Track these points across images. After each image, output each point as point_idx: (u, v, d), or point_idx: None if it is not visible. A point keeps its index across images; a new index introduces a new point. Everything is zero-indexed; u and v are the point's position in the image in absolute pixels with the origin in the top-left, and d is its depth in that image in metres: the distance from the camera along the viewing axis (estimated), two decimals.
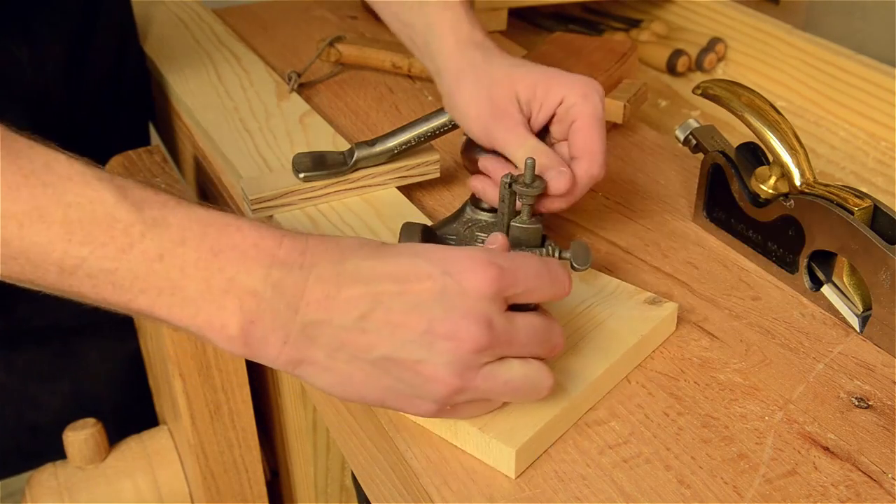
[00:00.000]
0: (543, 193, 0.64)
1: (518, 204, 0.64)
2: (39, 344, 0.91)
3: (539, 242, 0.64)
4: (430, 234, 0.67)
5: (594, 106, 0.65)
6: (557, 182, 0.63)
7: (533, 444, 0.53)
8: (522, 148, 0.65)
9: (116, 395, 0.96)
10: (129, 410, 0.98)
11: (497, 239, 0.55)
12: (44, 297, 0.52)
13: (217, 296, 0.47)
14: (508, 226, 0.64)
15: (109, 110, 0.98)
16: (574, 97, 0.65)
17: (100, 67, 0.93)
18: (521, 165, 0.64)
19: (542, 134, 0.69)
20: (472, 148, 0.71)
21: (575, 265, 0.62)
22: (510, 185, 0.62)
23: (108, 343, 0.94)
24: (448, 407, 0.51)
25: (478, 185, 0.69)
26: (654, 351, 0.62)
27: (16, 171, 0.46)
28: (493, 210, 0.69)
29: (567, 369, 0.57)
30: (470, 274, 0.48)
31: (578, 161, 0.65)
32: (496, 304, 0.49)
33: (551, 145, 0.69)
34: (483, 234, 0.69)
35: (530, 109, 0.68)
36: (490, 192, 0.68)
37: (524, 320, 0.50)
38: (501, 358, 0.50)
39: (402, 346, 0.48)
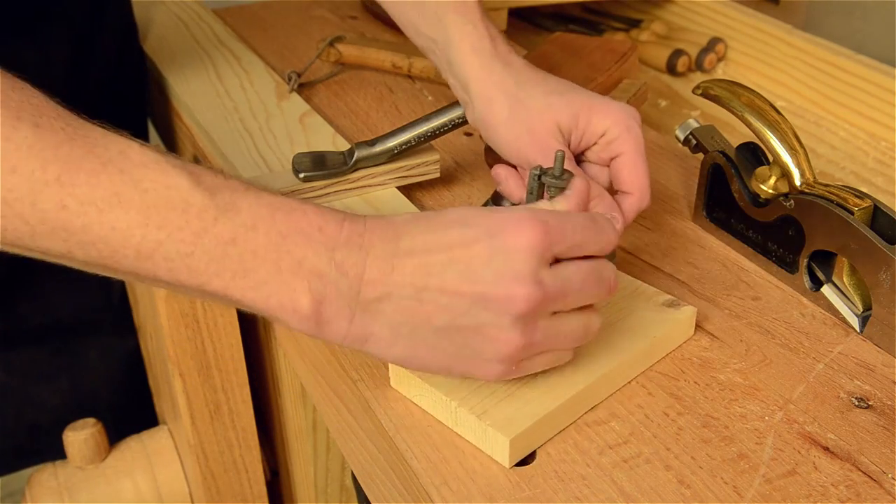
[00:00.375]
0: None
1: (546, 196, 0.63)
2: (38, 343, 0.91)
3: None
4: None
5: (637, 138, 0.65)
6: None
7: (529, 435, 0.53)
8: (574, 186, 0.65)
9: (116, 393, 0.96)
10: (129, 409, 0.98)
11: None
12: (44, 295, 0.52)
13: (287, 278, 0.49)
14: None
15: (110, 109, 0.98)
16: (617, 129, 0.65)
17: (102, 68, 0.93)
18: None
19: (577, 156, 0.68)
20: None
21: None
22: (539, 177, 0.61)
23: (107, 341, 0.94)
24: (514, 367, 0.52)
25: (501, 172, 0.68)
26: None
27: (93, 159, 0.47)
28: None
29: (574, 363, 0.57)
30: (515, 233, 0.49)
31: (627, 196, 0.65)
32: (545, 261, 0.50)
33: (581, 163, 0.68)
34: None
35: (570, 139, 0.67)
36: (513, 182, 0.67)
37: (574, 270, 0.51)
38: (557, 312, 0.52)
39: (460, 314, 0.50)
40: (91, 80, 0.92)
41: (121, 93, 1.00)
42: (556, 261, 0.51)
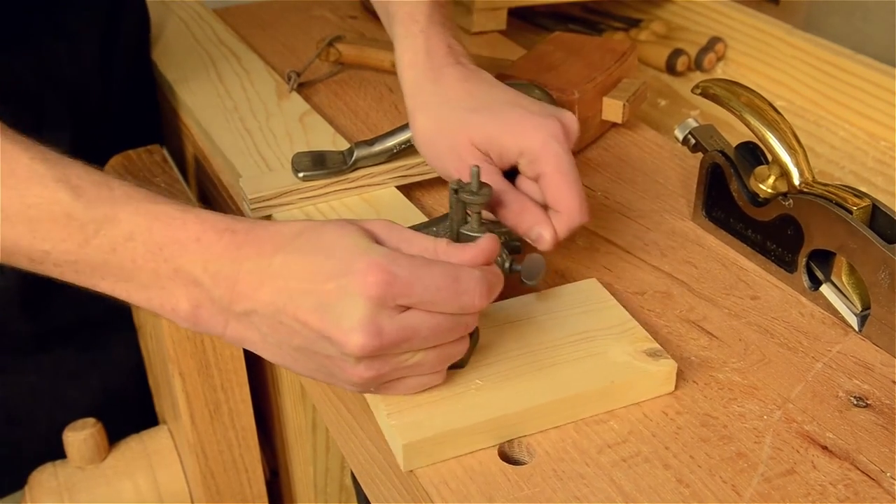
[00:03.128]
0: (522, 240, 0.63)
1: (466, 212, 0.61)
2: (66, 341, 0.91)
3: None
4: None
5: (557, 157, 0.62)
6: (542, 244, 0.62)
7: (431, 446, 0.53)
8: (501, 207, 0.63)
9: (142, 387, 0.96)
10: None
11: (481, 243, 0.54)
12: (71, 293, 0.56)
13: (165, 283, 0.53)
14: (458, 233, 0.61)
15: (138, 102, 0.99)
16: (535, 150, 0.62)
17: (127, 59, 0.94)
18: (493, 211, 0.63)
19: (513, 172, 0.66)
20: None
21: (524, 279, 0.61)
22: (457, 192, 0.60)
23: (134, 336, 0.94)
24: (373, 388, 0.54)
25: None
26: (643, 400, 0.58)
27: None
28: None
29: (514, 387, 0.56)
30: (361, 279, 0.49)
31: (556, 214, 0.62)
32: (384, 310, 0.50)
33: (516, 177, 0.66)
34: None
35: (490, 157, 0.65)
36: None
37: (420, 321, 0.51)
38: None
39: (311, 342, 0.51)
40: (120, 71, 0.93)
41: (147, 83, 1.00)
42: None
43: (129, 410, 0.95)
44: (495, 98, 0.67)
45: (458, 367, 0.57)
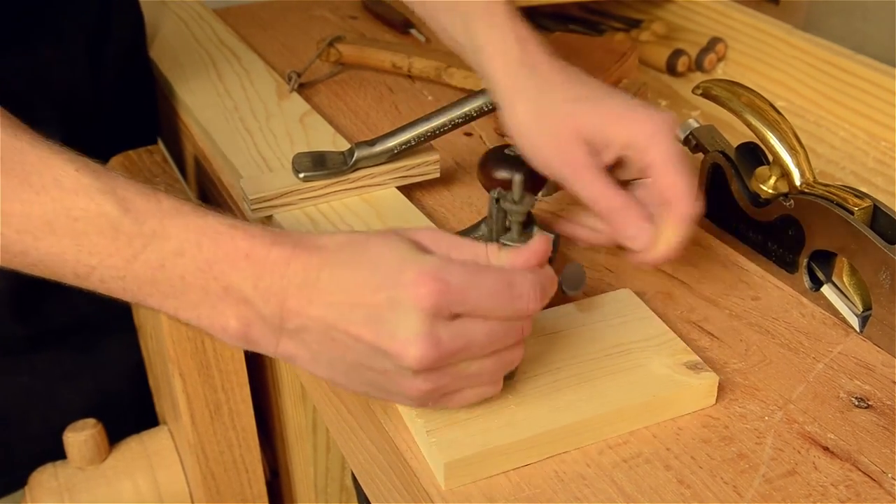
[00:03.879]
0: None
1: (507, 221, 0.61)
2: (61, 343, 0.91)
3: None
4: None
5: (665, 146, 0.61)
6: (634, 243, 0.61)
7: (472, 464, 0.52)
8: (597, 200, 0.62)
9: (140, 390, 0.96)
10: (151, 405, 0.98)
11: (534, 244, 0.53)
12: (66, 295, 0.55)
13: (215, 301, 0.51)
14: (496, 241, 0.61)
15: (131, 103, 0.99)
16: (642, 139, 0.62)
17: (119, 60, 0.94)
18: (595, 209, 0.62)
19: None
20: (490, 164, 0.71)
21: (564, 289, 0.60)
22: (498, 201, 0.59)
23: (129, 338, 0.94)
24: (429, 403, 0.52)
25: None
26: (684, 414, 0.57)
27: (27, 188, 0.51)
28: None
29: (554, 402, 0.55)
30: (413, 289, 0.48)
31: (669, 207, 0.62)
32: (440, 319, 0.49)
33: (632, 184, 0.65)
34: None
35: (596, 149, 0.64)
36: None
37: (477, 328, 0.50)
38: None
39: (365, 357, 0.50)
40: (110, 74, 0.92)
41: (138, 85, 1.00)
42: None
43: (125, 412, 0.94)
44: (596, 89, 0.65)
45: (508, 378, 0.55)
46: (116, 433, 0.89)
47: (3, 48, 0.80)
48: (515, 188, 0.58)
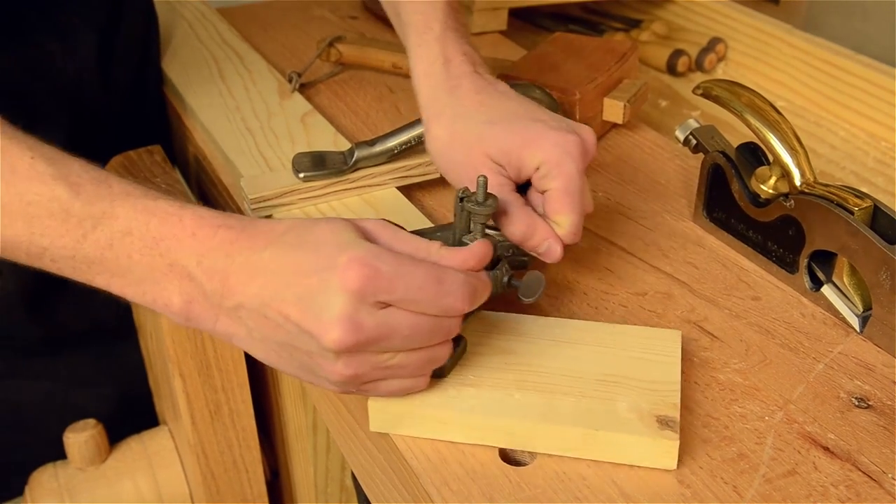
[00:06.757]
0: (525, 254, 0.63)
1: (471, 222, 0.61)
2: (81, 348, 0.91)
3: (491, 264, 0.59)
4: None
5: (567, 175, 0.62)
6: (551, 257, 0.63)
7: (398, 416, 0.55)
8: (508, 222, 0.63)
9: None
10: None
11: (474, 247, 0.54)
12: (83, 299, 0.56)
13: (159, 277, 0.53)
14: (460, 242, 0.61)
15: (139, 98, 0.99)
16: (548, 165, 0.62)
17: (128, 57, 0.94)
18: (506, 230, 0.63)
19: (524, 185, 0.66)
20: None
21: (521, 296, 0.60)
22: (462, 201, 0.60)
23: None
24: (353, 389, 0.54)
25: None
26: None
27: None
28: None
29: (505, 398, 0.55)
30: (343, 273, 0.49)
31: (556, 228, 0.63)
32: (366, 305, 0.49)
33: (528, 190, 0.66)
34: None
35: (509, 170, 0.65)
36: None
37: (401, 319, 0.50)
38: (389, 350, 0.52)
39: (293, 336, 0.51)
40: (119, 69, 0.92)
41: (147, 81, 1.00)
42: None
43: (142, 415, 0.95)
44: (512, 111, 0.66)
45: (439, 375, 0.56)
46: (127, 436, 0.89)
47: (6, 41, 0.80)
48: (479, 189, 0.58)
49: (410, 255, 0.52)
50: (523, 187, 0.66)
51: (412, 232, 0.65)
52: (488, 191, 0.60)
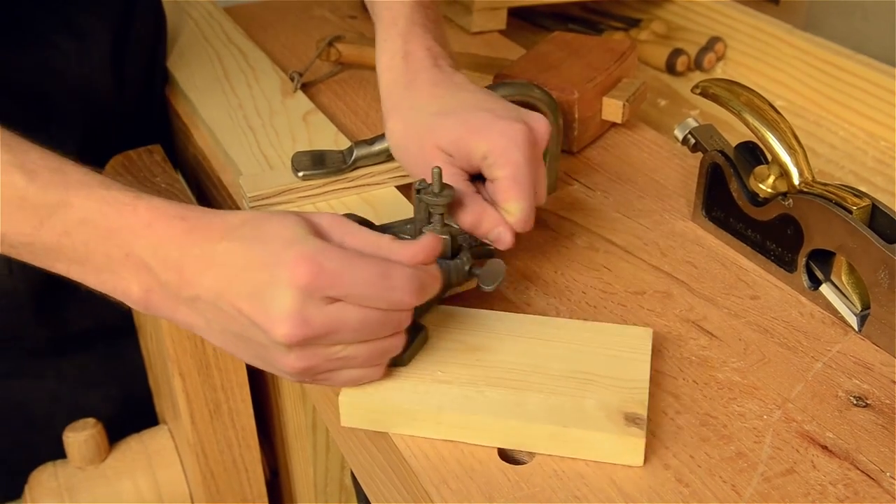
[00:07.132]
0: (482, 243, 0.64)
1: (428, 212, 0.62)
2: (87, 348, 0.91)
3: (450, 253, 0.61)
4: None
5: (514, 163, 0.62)
6: (502, 244, 0.63)
7: (369, 411, 0.56)
8: (460, 209, 0.63)
9: None
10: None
11: (423, 240, 0.54)
12: (89, 300, 0.57)
13: (117, 267, 0.54)
14: (420, 232, 0.62)
15: (148, 97, 0.99)
16: (495, 154, 0.63)
17: (139, 57, 0.94)
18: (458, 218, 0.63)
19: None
20: None
21: (481, 284, 0.61)
22: (419, 192, 0.60)
23: None
24: (308, 379, 0.54)
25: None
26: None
27: None
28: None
29: (473, 393, 0.55)
30: (290, 268, 0.50)
31: (507, 216, 0.63)
32: (312, 300, 0.50)
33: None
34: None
35: (460, 160, 0.65)
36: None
37: (348, 313, 0.51)
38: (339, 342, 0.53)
39: (246, 328, 0.52)
40: (132, 69, 0.93)
41: (153, 86, 1.00)
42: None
43: (145, 416, 0.95)
44: (463, 102, 0.66)
45: (399, 364, 0.57)
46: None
47: (22, 41, 0.80)
48: (434, 180, 0.59)
49: (360, 251, 0.52)
50: (481, 177, 0.66)
51: (381, 225, 0.66)
52: (444, 181, 0.60)
